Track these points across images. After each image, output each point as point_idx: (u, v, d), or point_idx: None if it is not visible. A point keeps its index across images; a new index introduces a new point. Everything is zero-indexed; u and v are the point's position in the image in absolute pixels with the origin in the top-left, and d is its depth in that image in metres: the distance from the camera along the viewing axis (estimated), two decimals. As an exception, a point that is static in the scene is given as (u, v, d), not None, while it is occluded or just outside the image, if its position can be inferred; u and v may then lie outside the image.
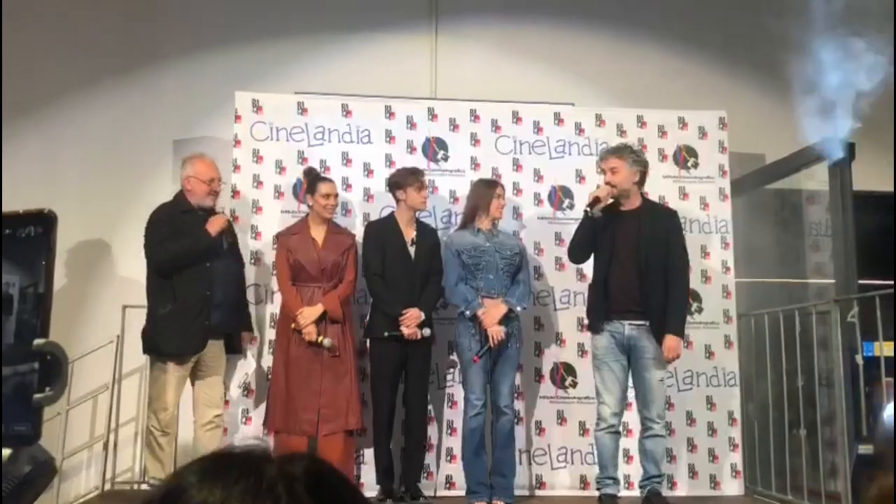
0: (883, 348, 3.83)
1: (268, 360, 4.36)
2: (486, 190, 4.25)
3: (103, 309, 4.88)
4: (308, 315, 4.02)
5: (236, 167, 4.60)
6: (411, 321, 4.05)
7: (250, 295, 4.43)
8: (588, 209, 3.94)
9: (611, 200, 4.00)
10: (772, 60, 5.62)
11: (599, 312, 3.96)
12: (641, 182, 4.02)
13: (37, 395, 1.17)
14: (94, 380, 4.82)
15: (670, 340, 3.81)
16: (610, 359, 3.90)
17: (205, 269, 3.93)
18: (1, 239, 1.19)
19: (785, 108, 5.61)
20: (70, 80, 5.33)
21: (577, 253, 4.15)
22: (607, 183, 3.97)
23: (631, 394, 4.03)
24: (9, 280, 1.20)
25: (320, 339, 3.99)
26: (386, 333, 4.05)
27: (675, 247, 3.96)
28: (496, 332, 3.97)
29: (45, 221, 1.24)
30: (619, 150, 4.04)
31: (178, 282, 3.92)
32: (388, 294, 4.12)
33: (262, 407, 4.27)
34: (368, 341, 4.26)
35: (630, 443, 4.32)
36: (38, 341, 1.17)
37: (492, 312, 4.00)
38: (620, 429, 3.97)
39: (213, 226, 3.95)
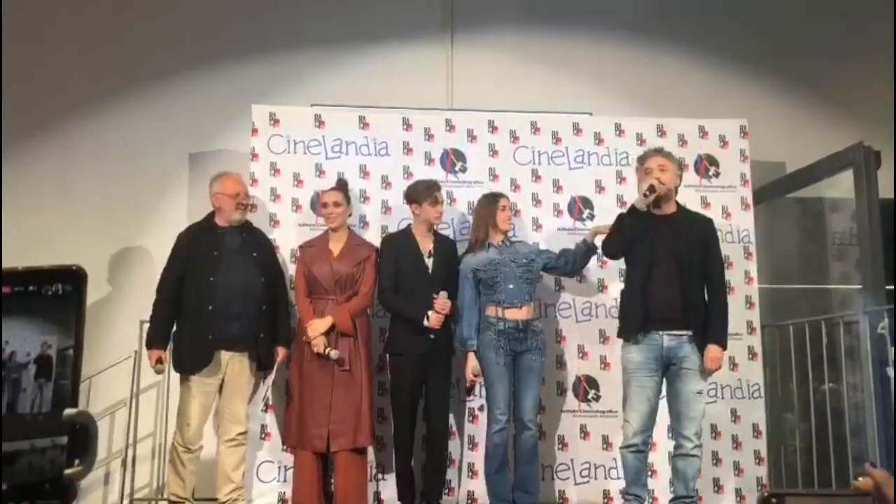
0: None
1: (286, 375, 4.31)
2: (489, 204, 4.20)
3: (121, 324, 4.84)
4: (316, 327, 3.99)
5: (253, 181, 4.57)
6: (442, 307, 4.00)
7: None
8: (647, 192, 3.68)
9: (653, 198, 3.76)
10: (791, 68, 5.62)
11: (636, 322, 3.75)
12: (677, 189, 3.91)
13: (67, 471, 1.09)
14: (111, 395, 4.80)
15: (713, 351, 3.67)
16: (642, 374, 3.72)
17: (208, 283, 3.94)
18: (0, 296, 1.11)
19: (804, 115, 5.60)
20: (86, 94, 5.33)
21: (616, 246, 3.89)
22: (652, 183, 3.73)
23: (662, 408, 3.86)
24: (46, 340, 1.13)
25: (327, 350, 3.95)
26: (421, 353, 4.04)
27: (714, 254, 3.82)
28: (468, 375, 4.07)
29: (73, 278, 1.16)
30: (666, 152, 3.92)
31: (185, 297, 3.98)
32: (406, 304, 4.08)
33: (282, 422, 4.24)
34: (388, 356, 4.21)
35: (654, 456, 4.25)
36: (69, 411, 1.09)
37: (470, 364, 4.05)
38: (646, 448, 3.81)
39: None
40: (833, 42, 5.68)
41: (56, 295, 1.16)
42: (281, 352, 4.15)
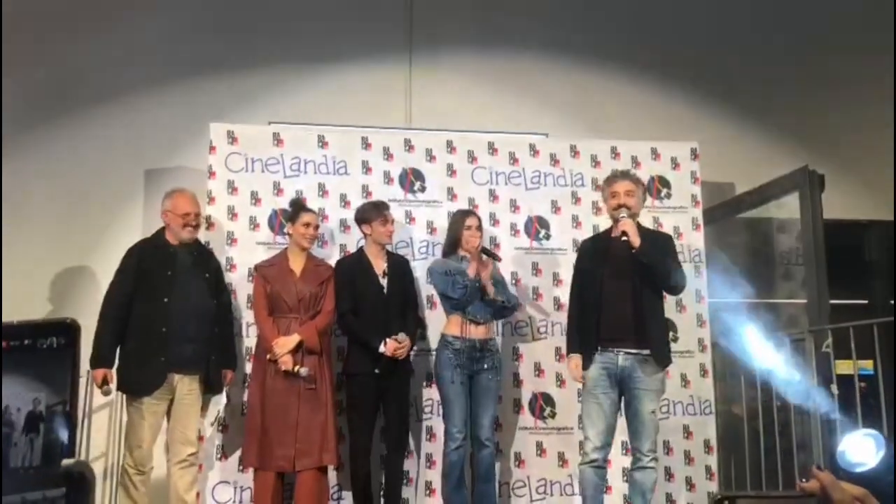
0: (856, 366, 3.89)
1: (243, 395, 4.28)
2: (459, 220, 4.25)
3: (72, 343, 4.75)
4: (284, 344, 3.97)
5: (211, 199, 4.55)
6: (394, 349, 4.01)
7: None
8: (623, 236, 3.68)
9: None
10: (741, 94, 5.82)
11: (590, 341, 3.77)
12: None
13: None
14: (62, 416, 4.70)
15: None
16: (599, 391, 3.73)
17: (161, 305, 3.89)
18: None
19: (753, 139, 5.79)
20: (43, 109, 5.25)
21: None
22: (622, 206, 3.77)
23: (621, 424, 3.89)
24: (37, 396, 1.13)
25: (296, 368, 3.94)
26: (376, 370, 4.01)
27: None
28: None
29: (68, 331, 1.16)
30: (634, 176, 3.94)
31: (137, 317, 3.90)
32: (364, 329, 4.09)
33: (238, 442, 4.21)
34: (346, 375, 4.21)
35: (609, 473, 4.30)
36: (66, 461, 1.09)
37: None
38: (605, 464, 3.83)
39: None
40: (780, 68, 5.90)
41: (50, 348, 1.16)
42: (229, 374, 4.13)
